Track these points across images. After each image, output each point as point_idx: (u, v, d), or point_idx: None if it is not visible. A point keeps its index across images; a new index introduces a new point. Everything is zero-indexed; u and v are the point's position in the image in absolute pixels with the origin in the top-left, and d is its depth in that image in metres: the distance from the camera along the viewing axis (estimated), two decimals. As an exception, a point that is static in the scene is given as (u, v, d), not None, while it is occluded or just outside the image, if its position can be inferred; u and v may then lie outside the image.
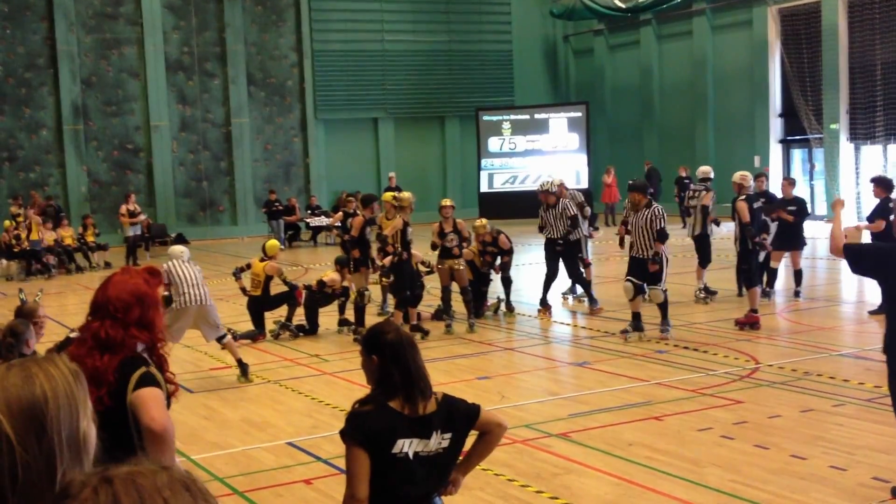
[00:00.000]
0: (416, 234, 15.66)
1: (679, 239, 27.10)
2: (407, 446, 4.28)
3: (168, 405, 4.39)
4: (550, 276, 16.46)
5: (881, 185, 15.45)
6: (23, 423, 2.00)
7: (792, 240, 16.34)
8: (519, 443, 9.06)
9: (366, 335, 4.54)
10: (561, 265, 16.37)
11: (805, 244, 16.79)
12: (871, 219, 15.15)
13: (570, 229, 16.14)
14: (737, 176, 15.24)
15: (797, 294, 16.38)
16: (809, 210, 17.34)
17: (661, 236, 13.42)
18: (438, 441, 4.36)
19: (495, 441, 4.67)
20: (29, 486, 1.99)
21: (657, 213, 13.50)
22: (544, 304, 16.29)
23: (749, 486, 7.61)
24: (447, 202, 15.61)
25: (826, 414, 9.61)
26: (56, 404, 2.04)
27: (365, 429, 4.25)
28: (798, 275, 16.43)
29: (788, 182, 17.14)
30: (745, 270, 14.64)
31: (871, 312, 15.07)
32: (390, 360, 4.33)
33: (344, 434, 4.30)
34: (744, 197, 14.70)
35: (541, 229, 16.61)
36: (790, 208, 16.33)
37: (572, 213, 16.31)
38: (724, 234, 19.68)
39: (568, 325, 15.86)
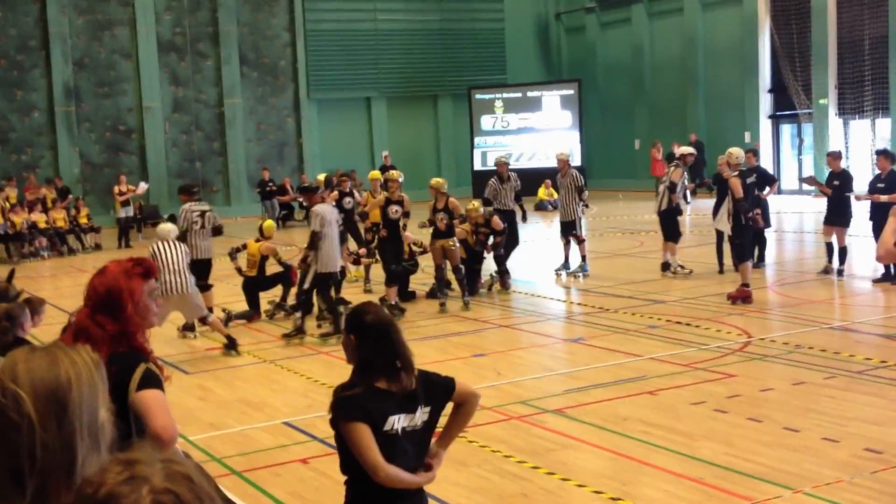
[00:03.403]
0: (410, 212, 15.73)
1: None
2: (397, 423, 4.30)
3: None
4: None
5: (888, 156, 15.49)
6: (45, 405, 2.03)
7: (836, 215, 15.96)
8: (515, 419, 9.14)
9: (348, 315, 4.58)
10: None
11: (850, 220, 16.09)
12: (889, 189, 15.12)
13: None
14: (727, 153, 15.30)
15: (840, 273, 15.80)
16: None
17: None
18: (421, 415, 4.39)
19: (472, 410, 4.67)
20: (48, 468, 2.02)
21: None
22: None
23: (742, 458, 7.68)
24: (432, 182, 15.55)
25: (818, 386, 9.69)
26: (79, 391, 2.07)
27: (359, 407, 4.27)
28: (843, 252, 15.86)
29: (835, 157, 16.70)
30: (738, 245, 14.56)
31: (876, 281, 15.20)
32: (372, 342, 4.34)
33: (336, 418, 4.29)
34: (736, 173, 14.73)
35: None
36: (835, 182, 16.03)
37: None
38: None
39: (562, 301, 15.93)
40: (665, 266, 16.96)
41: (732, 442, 8.11)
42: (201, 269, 14.09)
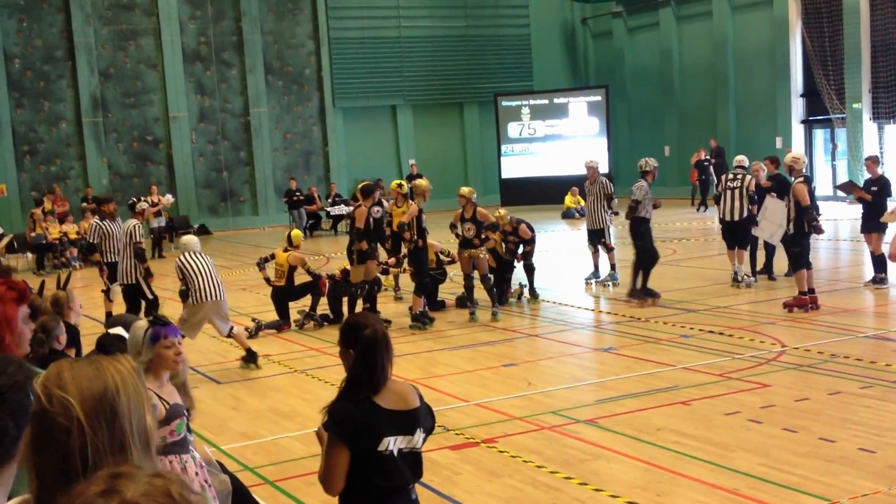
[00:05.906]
0: (433, 222, 15.67)
1: (701, 222, 27.09)
2: (392, 444, 4.31)
3: None
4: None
5: None
6: (94, 410, 2.08)
7: (872, 220, 15.58)
8: (547, 429, 9.08)
9: (344, 327, 4.57)
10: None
11: (886, 226, 15.66)
12: None
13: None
14: (788, 158, 14.86)
15: (875, 280, 15.48)
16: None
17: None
18: (419, 438, 4.41)
19: None
20: (100, 470, 2.05)
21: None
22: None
23: (778, 469, 7.60)
24: (462, 191, 15.31)
25: (854, 396, 9.58)
26: (127, 397, 2.12)
27: (350, 427, 4.29)
28: (878, 259, 15.51)
29: (873, 161, 16.38)
30: (797, 253, 14.25)
31: None
32: (362, 356, 4.38)
33: (326, 427, 4.37)
34: (801, 179, 14.31)
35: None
36: (873, 188, 15.77)
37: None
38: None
39: (592, 310, 15.85)
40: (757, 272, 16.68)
41: (768, 452, 8.03)
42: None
